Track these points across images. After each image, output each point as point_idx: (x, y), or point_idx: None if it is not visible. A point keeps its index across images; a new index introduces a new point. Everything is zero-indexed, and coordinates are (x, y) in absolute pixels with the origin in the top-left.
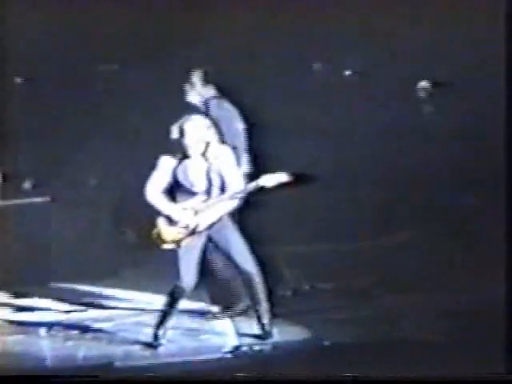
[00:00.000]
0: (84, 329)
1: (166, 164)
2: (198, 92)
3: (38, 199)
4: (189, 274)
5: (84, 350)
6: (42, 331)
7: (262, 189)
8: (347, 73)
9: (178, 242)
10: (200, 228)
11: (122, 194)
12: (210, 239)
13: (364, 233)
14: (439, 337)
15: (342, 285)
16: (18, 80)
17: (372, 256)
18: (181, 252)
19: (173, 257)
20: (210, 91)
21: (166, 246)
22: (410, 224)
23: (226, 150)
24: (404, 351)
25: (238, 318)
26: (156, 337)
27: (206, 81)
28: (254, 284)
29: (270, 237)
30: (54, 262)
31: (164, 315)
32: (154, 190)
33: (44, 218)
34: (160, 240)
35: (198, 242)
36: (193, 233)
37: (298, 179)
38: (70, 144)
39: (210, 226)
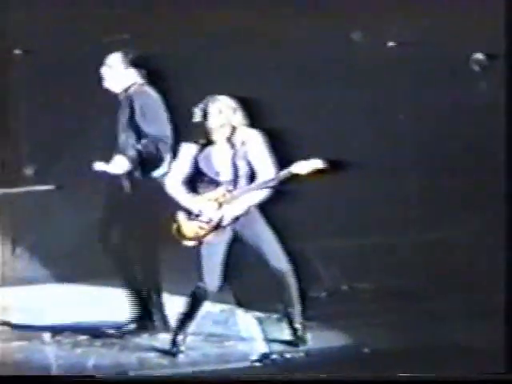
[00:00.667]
0: (93, 334)
1: (186, 151)
2: (119, 76)
3: (41, 187)
4: (213, 274)
5: (94, 358)
6: (47, 336)
7: (294, 177)
8: (390, 44)
9: (200, 239)
10: (225, 222)
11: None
12: (236, 235)
13: (410, 227)
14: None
15: (384, 285)
16: (17, 52)
17: (418, 253)
18: (203, 249)
19: (193, 253)
20: (134, 76)
21: (186, 243)
22: (461, 217)
23: (255, 134)
24: (454, 356)
25: (267, 322)
26: (175, 343)
27: (129, 64)
28: (286, 284)
29: (301, 231)
30: (56, 259)
31: (184, 319)
32: (174, 180)
33: (47, 208)
34: (180, 236)
35: (223, 238)
36: (217, 228)
37: (334, 166)
38: (76, 124)
39: (237, 220)
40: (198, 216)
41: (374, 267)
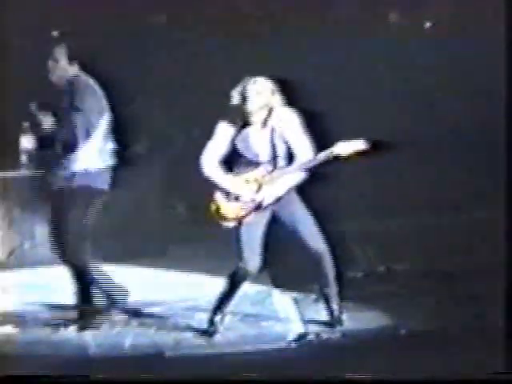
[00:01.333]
0: (131, 314)
1: (224, 132)
2: (61, 69)
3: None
4: (253, 255)
5: (131, 338)
6: None
7: (334, 158)
8: (428, 24)
9: (240, 219)
10: (265, 203)
11: (172, 163)
12: (274, 215)
13: (447, 207)
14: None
15: (421, 266)
16: (55, 33)
17: (456, 233)
18: (243, 230)
19: (228, 234)
20: (75, 69)
21: (226, 224)
22: (500, 200)
23: (292, 115)
24: (491, 341)
25: (303, 303)
26: (212, 323)
27: (71, 57)
28: (323, 264)
29: (337, 212)
30: (95, 241)
31: (223, 299)
32: (211, 161)
33: None
34: (219, 216)
35: (262, 219)
36: (257, 208)
37: (371, 147)
38: (114, 106)
39: (277, 201)
40: (237, 197)
41: (412, 248)
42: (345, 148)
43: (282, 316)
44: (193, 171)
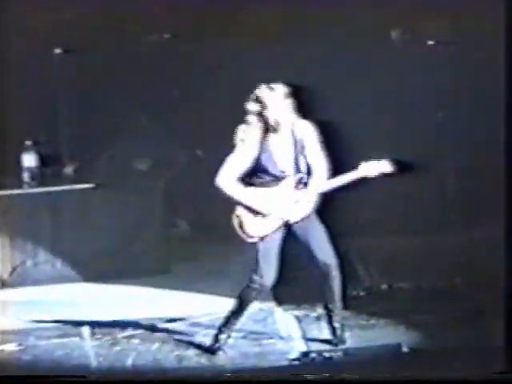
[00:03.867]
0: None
1: (245, 146)
2: None
3: (80, 186)
4: (269, 269)
5: (133, 356)
6: (86, 334)
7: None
8: (430, 42)
9: (264, 236)
10: (292, 221)
11: (175, 179)
12: (289, 229)
13: (450, 225)
14: None
15: (424, 284)
16: (58, 51)
17: (459, 251)
18: (260, 243)
19: (231, 252)
20: None
21: (249, 240)
22: (504, 215)
23: (311, 128)
24: (496, 357)
25: (305, 321)
26: (216, 340)
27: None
28: (330, 278)
29: (342, 228)
30: (96, 257)
31: (230, 317)
32: (230, 178)
33: (86, 207)
34: (242, 232)
35: (279, 233)
36: (285, 225)
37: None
38: (116, 123)
39: (307, 219)
40: (262, 213)
41: (415, 266)
42: (371, 169)
43: (284, 334)
44: (195, 188)
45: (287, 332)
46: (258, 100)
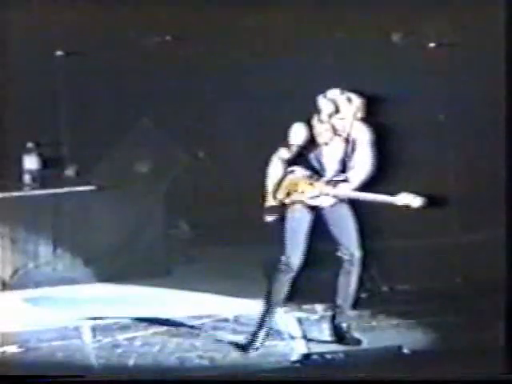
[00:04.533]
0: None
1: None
2: None
3: (82, 188)
4: (296, 250)
5: (134, 358)
6: (87, 337)
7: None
8: (432, 45)
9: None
10: (323, 205)
11: (176, 181)
12: (319, 215)
13: (451, 228)
14: None
15: (425, 286)
16: (59, 53)
17: (459, 253)
18: (288, 225)
19: (231, 255)
20: None
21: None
22: (504, 216)
23: (364, 129)
24: (496, 358)
25: (307, 322)
26: (255, 338)
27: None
28: (350, 270)
29: None
30: (98, 259)
31: (264, 314)
32: (276, 162)
33: (87, 209)
34: (293, 190)
35: (308, 216)
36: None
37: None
38: (117, 125)
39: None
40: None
41: (416, 268)
42: (402, 199)
43: (286, 335)
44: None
45: (288, 333)
46: (333, 102)
